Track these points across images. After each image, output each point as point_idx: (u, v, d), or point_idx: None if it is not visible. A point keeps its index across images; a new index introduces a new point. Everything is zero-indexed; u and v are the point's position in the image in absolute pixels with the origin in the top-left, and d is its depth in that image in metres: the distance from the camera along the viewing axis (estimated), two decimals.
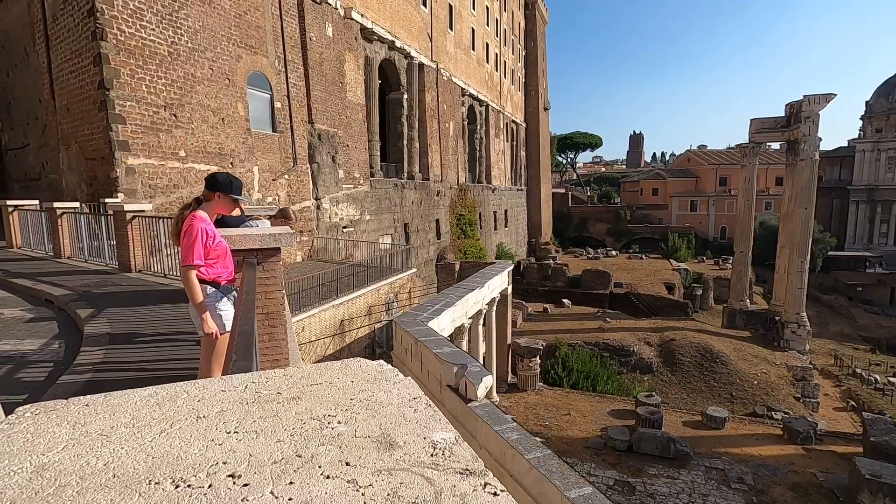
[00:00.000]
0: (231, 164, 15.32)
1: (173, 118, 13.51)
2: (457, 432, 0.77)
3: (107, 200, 11.46)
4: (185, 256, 3.58)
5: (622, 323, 29.98)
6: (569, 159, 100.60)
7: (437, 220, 31.44)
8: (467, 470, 0.66)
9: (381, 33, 24.20)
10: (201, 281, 3.67)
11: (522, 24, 54.42)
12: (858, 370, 34.96)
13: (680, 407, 21.63)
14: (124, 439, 0.80)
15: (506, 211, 47.86)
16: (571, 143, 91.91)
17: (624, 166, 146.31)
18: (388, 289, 17.28)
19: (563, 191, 79.22)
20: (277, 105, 17.48)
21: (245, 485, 0.68)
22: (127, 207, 9.64)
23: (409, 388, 0.96)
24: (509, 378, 22.29)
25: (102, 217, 10.79)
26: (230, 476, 0.69)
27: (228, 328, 3.60)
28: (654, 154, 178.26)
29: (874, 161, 72.52)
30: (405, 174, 28.45)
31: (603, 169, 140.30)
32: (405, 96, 28.16)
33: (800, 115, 27.56)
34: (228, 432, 0.80)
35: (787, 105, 29.03)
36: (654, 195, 75.85)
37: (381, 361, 1.15)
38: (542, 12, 58.08)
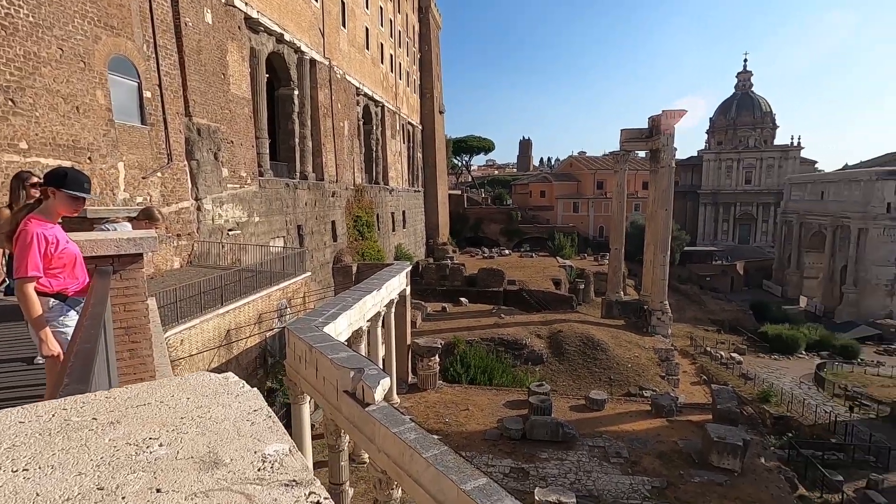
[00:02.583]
0: (89, 158, 13.44)
1: (10, 104, 11.50)
2: (292, 443, 0.74)
3: None
4: (17, 268, 3.06)
5: (515, 318, 31.62)
6: (464, 162, 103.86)
7: (334, 222, 30.56)
8: (294, 481, 0.63)
9: (269, 24, 22.92)
10: (43, 294, 3.17)
11: (417, 28, 55.03)
12: (709, 349, 40.64)
13: (567, 393, 23.39)
14: None
15: (404, 212, 48.02)
16: (466, 146, 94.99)
17: (515, 170, 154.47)
18: (281, 294, 16.41)
19: (459, 192, 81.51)
20: (147, 94, 15.71)
21: None
22: None
23: (251, 401, 0.90)
24: (409, 378, 22.39)
25: None
26: None
27: None
28: (542, 159, 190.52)
29: (717, 169, 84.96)
30: (298, 174, 27.24)
31: (496, 172, 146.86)
32: (296, 92, 26.96)
33: (659, 128, 31.30)
34: (15, 471, 0.67)
35: (649, 118, 32.79)
36: (542, 197, 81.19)
37: (229, 374, 1.07)
38: (435, 17, 59.24)
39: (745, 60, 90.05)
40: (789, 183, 70.63)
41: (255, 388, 0.99)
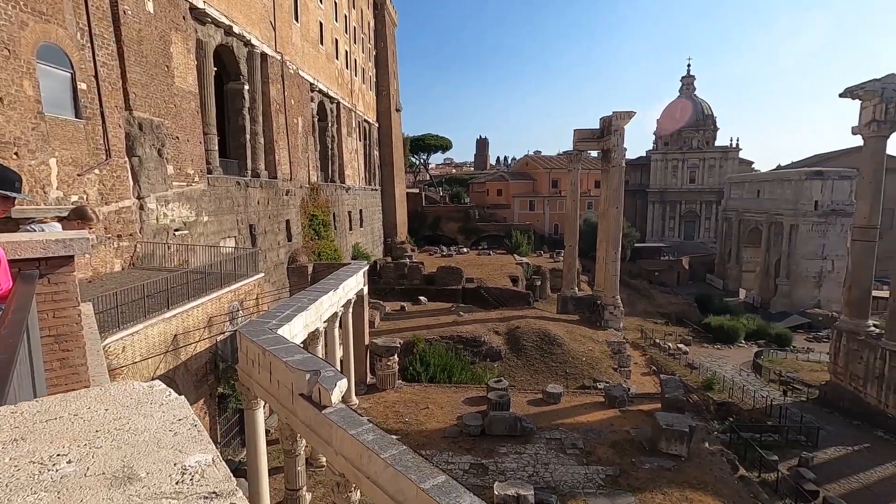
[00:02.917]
0: (16, 154, 12.45)
1: None
2: (216, 453, 0.70)
3: None
4: None
5: (474, 315, 31.91)
6: (422, 160, 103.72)
7: (288, 221, 29.76)
8: (214, 493, 0.59)
9: (216, 16, 22.00)
10: None
11: (372, 24, 54.38)
12: (658, 341, 42.46)
13: (525, 388, 23.84)
14: None
15: (361, 211, 47.40)
16: (424, 144, 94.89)
17: (472, 168, 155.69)
18: (232, 296, 15.82)
19: (417, 191, 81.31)
20: (82, 86, 14.71)
21: None
22: None
23: (176, 410, 0.85)
24: (368, 379, 22.16)
25: None
26: None
27: None
28: (499, 158, 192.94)
29: (664, 169, 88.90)
30: (249, 171, 26.33)
31: (454, 170, 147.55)
32: (246, 87, 26.04)
33: (610, 128, 32.37)
34: None
35: (600, 119, 33.85)
36: (499, 196, 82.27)
37: (155, 382, 1.00)
38: (391, 14, 58.75)
39: (689, 65, 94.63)
40: (729, 182, 74.84)
41: (182, 397, 0.94)
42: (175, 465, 0.62)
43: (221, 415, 15.53)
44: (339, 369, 16.29)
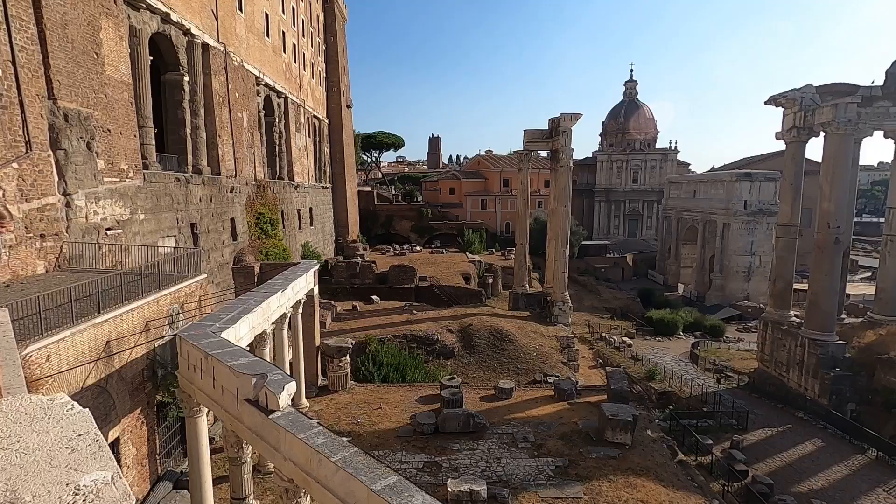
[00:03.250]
0: None
1: None
2: (116, 469, 0.65)
3: None
4: None
5: (427, 314, 31.93)
6: (373, 158, 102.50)
7: (233, 220, 28.58)
8: None
9: (151, 1, 20.75)
10: None
11: (321, 18, 53.11)
12: (604, 335, 44.17)
13: (478, 384, 24.11)
14: None
15: (311, 209, 46.26)
16: (375, 142, 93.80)
17: (425, 167, 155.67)
18: (172, 299, 14.99)
19: (368, 189, 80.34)
20: None
21: None
22: None
23: (76, 424, 0.78)
24: (319, 381, 21.69)
25: None
26: None
27: None
28: (451, 156, 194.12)
29: (609, 169, 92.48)
30: (190, 167, 25.06)
31: (406, 169, 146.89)
32: (186, 78, 24.74)
33: (558, 130, 33.27)
34: None
35: (549, 120, 34.71)
36: (452, 194, 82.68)
37: (58, 395, 0.92)
38: (340, 8, 57.63)
39: (632, 70, 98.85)
40: (668, 183, 78.90)
41: (87, 410, 0.87)
42: (67, 485, 0.57)
43: (161, 424, 14.71)
44: (287, 372, 15.83)
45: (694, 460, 20.80)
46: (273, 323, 15.22)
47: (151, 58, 21.96)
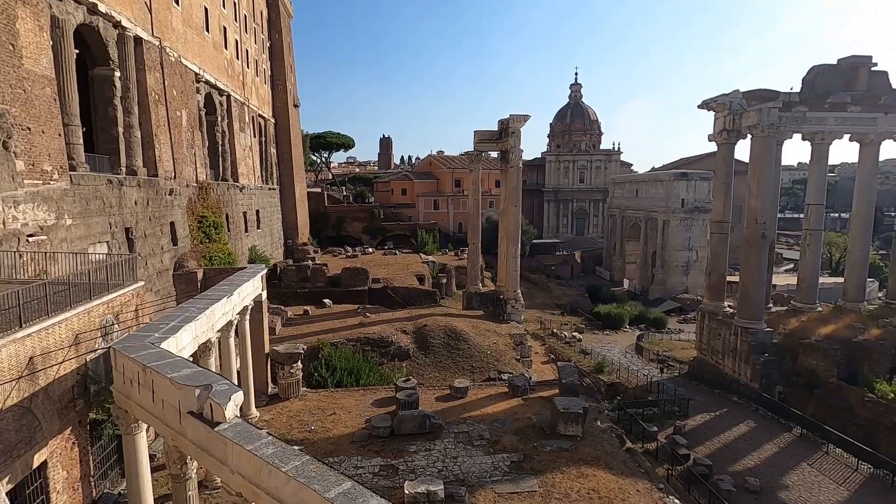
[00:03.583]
0: None
1: None
2: None
3: None
4: None
5: (381, 316, 31.63)
6: (323, 159, 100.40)
7: (173, 224, 27.13)
8: None
9: None
10: None
11: (265, 14, 51.44)
12: (555, 330, 45.40)
13: (434, 385, 24.14)
14: None
15: (257, 211, 44.69)
16: (325, 142, 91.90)
17: (376, 167, 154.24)
18: (105, 309, 14.03)
19: (318, 190, 78.61)
20: None
21: None
22: None
23: None
24: (270, 389, 21.01)
25: None
26: None
27: None
28: (403, 157, 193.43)
29: (557, 170, 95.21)
30: (124, 168, 23.57)
31: (357, 169, 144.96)
32: (118, 74, 23.24)
33: (507, 131, 33.88)
34: None
35: (499, 121, 35.27)
36: (404, 195, 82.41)
37: None
38: (285, 4, 56.03)
39: (576, 74, 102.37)
40: (612, 183, 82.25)
41: None
42: None
43: (95, 444, 13.74)
44: (235, 382, 15.23)
45: (641, 447, 21.79)
46: (218, 331, 14.59)
47: (78, 51, 20.48)
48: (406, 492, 13.32)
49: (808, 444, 23.76)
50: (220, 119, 37.14)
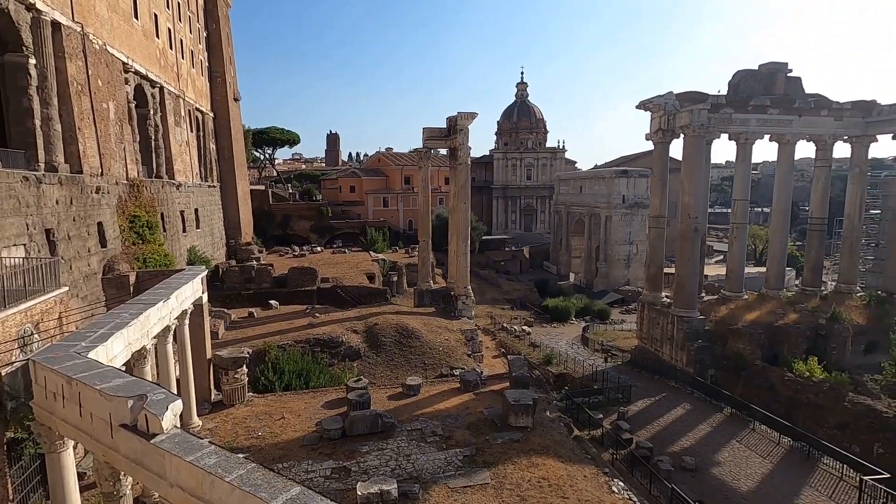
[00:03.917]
0: None
1: None
2: None
3: None
4: None
5: (330, 316, 31.01)
6: (267, 155, 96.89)
7: (101, 224, 25.26)
8: None
9: None
10: None
11: (201, 2, 48.83)
12: (505, 325, 46.25)
13: (386, 384, 23.96)
14: None
15: (196, 210, 42.48)
16: (269, 138, 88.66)
17: (323, 164, 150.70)
18: (23, 318, 12.88)
19: (262, 188, 75.85)
20: None
21: None
22: None
23: None
24: (213, 396, 20.12)
25: None
26: None
27: None
28: (351, 154, 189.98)
29: (505, 167, 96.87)
30: (42, 165, 21.67)
31: (303, 166, 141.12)
32: (33, 61, 21.31)
33: (456, 128, 34.08)
34: None
35: (447, 118, 35.41)
36: (352, 192, 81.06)
37: None
38: None
39: (522, 73, 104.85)
40: (557, 180, 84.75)
41: None
42: None
43: (14, 465, 12.59)
44: (174, 390, 14.44)
45: (587, 434, 22.65)
46: (154, 337, 13.78)
47: None
48: (359, 493, 13.16)
49: (737, 423, 25.60)
50: (152, 112, 34.94)
